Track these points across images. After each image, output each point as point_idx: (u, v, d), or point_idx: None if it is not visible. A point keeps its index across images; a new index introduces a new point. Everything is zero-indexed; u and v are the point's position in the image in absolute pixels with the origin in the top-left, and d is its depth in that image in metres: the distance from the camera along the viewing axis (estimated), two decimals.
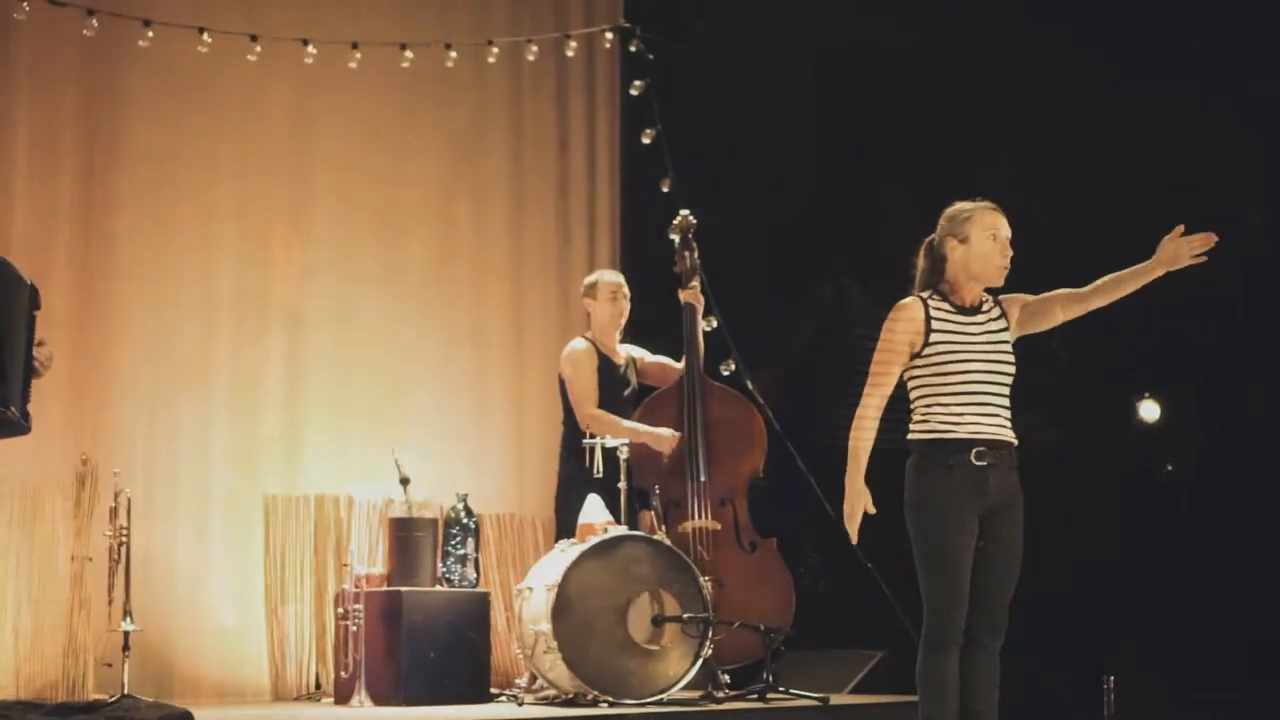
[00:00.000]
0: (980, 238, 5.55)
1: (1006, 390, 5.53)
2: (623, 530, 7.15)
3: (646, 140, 9.10)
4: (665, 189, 8.92)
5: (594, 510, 7.27)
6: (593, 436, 7.47)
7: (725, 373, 8.58)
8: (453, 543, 7.53)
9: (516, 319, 9.63)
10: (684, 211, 8.19)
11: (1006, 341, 5.58)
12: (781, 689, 7.18)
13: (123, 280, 8.44)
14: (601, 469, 7.34)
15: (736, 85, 9.45)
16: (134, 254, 8.48)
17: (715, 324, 8.63)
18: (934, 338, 5.47)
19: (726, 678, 7.38)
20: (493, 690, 7.46)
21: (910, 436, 5.53)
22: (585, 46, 9.77)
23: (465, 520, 7.57)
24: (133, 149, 8.52)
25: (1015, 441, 5.54)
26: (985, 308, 5.60)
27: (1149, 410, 9.33)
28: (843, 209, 9.14)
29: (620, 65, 9.77)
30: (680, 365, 7.96)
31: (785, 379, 8.77)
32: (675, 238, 8.16)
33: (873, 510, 5.46)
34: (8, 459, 7.57)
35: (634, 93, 9.34)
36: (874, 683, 8.18)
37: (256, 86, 8.79)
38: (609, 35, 9.40)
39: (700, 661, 7.05)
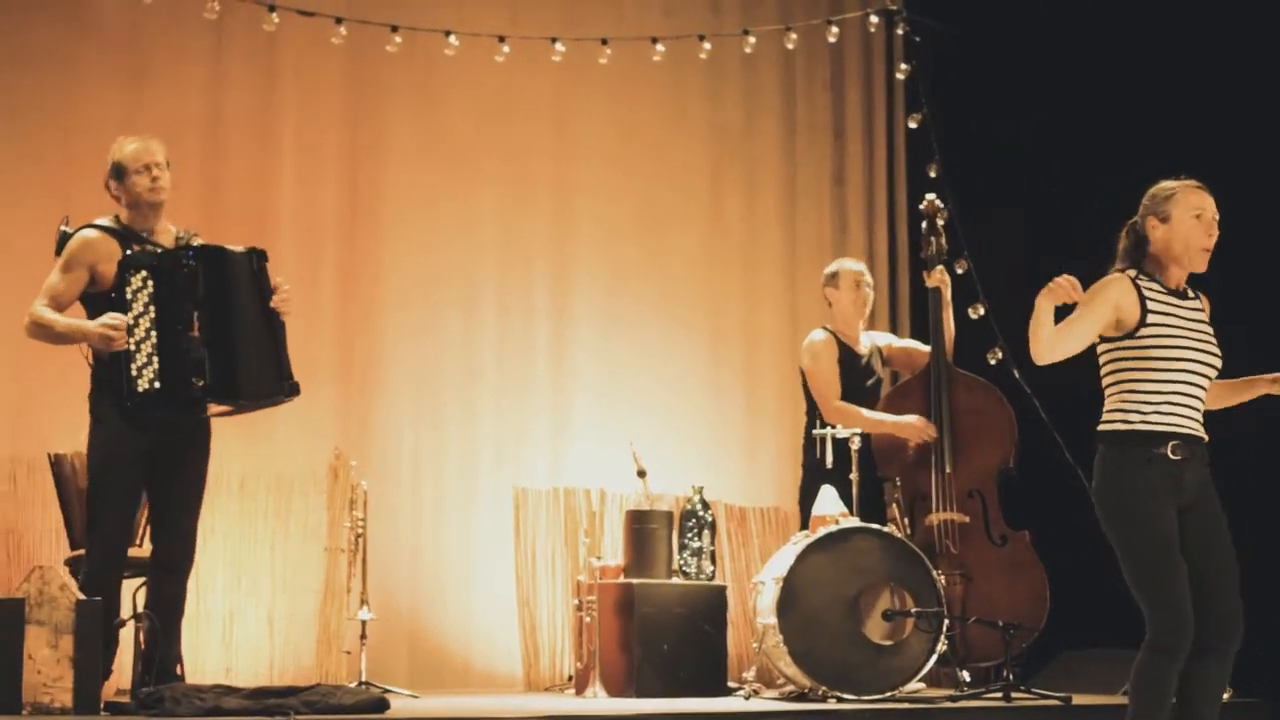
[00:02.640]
0: (1182, 217, 5.24)
1: (1208, 384, 5.21)
2: (854, 522, 6.98)
3: (913, 125, 8.88)
4: (932, 174, 8.65)
5: (827, 502, 7.13)
6: (823, 427, 7.33)
7: (992, 362, 8.28)
8: (688, 535, 7.47)
9: (790, 313, 9.53)
10: (930, 196, 7.96)
11: (1212, 332, 5.26)
12: (1024, 688, 6.89)
13: (387, 278, 8.69)
14: (831, 460, 7.19)
15: (1009, 66, 9.10)
16: (398, 253, 8.71)
17: (983, 311, 8.35)
18: (1150, 318, 5.16)
19: (966, 675, 7.14)
20: (731, 684, 7.37)
21: (1102, 428, 5.23)
22: (860, 31, 9.60)
23: (701, 513, 7.50)
24: (395, 150, 8.76)
25: (1207, 438, 5.23)
26: (1190, 294, 5.29)
27: None
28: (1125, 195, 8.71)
29: (902, 49, 9.53)
30: (928, 349, 7.72)
31: (1051, 368, 8.37)
32: (922, 223, 7.93)
33: None
34: (266, 451, 7.95)
35: (900, 77, 9.15)
36: None
37: (516, 85, 8.92)
38: (873, 19, 9.18)
39: (935, 658, 6.83)
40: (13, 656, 5.54)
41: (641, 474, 7.55)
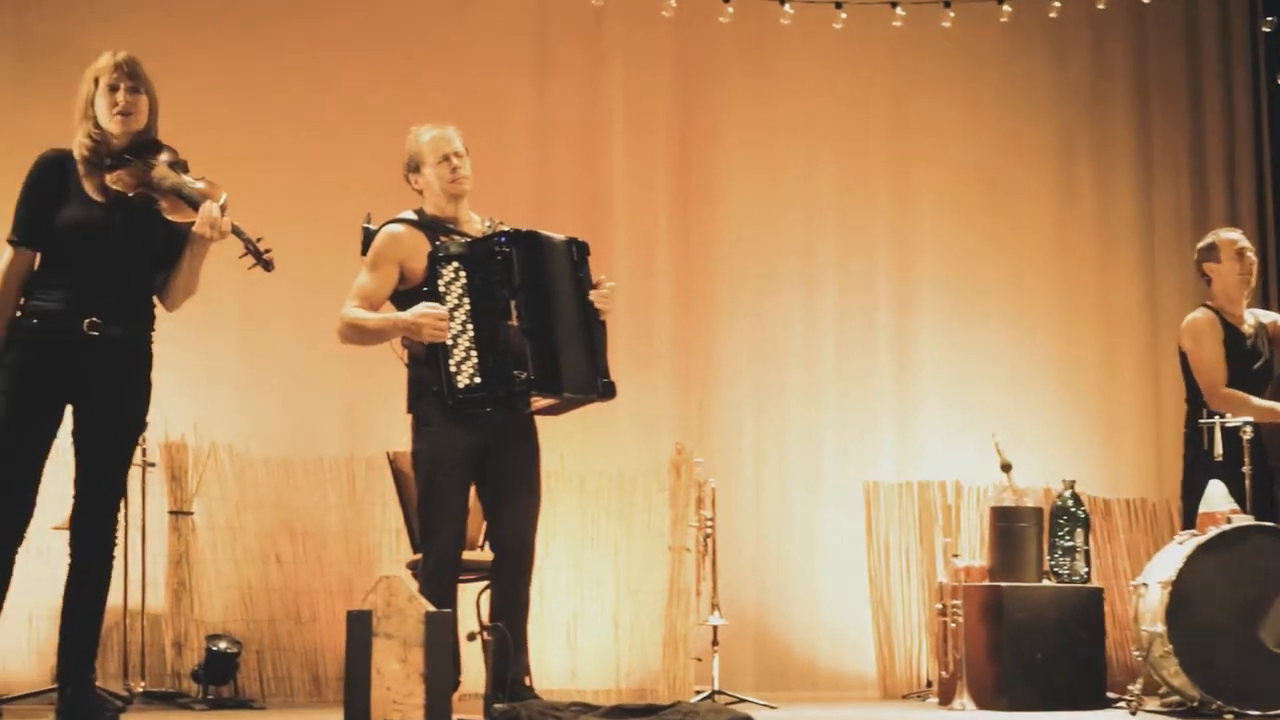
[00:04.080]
0: None
1: None
2: (1248, 520, 6.36)
3: None
4: None
5: (1215, 498, 6.50)
6: (1209, 415, 6.70)
7: None
8: (1060, 534, 6.91)
9: (1148, 289, 8.96)
10: None
11: None
12: None
13: (723, 262, 8.39)
14: (1221, 451, 6.55)
15: None
16: (735, 236, 8.42)
17: None
18: None
19: None
20: (1110, 695, 6.80)
21: None
22: None
23: (1073, 509, 6.93)
24: (728, 125, 8.44)
25: None
26: None
27: None
28: None
29: None
30: None
31: None
32: None
33: None
34: (606, 447, 7.69)
35: (1266, 30, 8.44)
36: None
37: (854, 52, 8.57)
38: None
39: None
40: (362, 672, 5.27)
41: (1006, 468, 7.06)
